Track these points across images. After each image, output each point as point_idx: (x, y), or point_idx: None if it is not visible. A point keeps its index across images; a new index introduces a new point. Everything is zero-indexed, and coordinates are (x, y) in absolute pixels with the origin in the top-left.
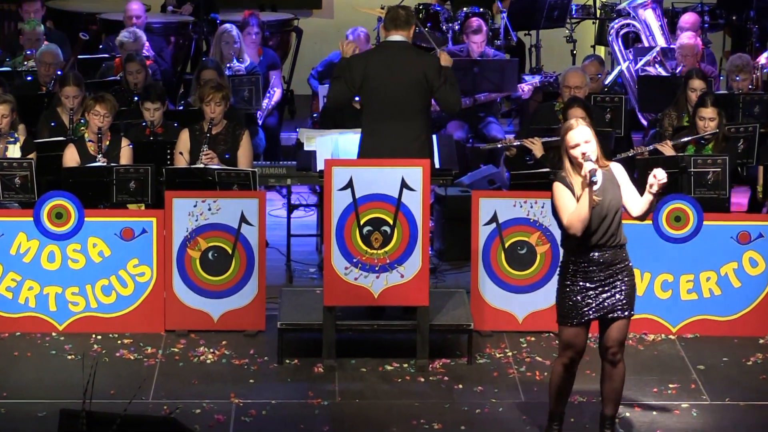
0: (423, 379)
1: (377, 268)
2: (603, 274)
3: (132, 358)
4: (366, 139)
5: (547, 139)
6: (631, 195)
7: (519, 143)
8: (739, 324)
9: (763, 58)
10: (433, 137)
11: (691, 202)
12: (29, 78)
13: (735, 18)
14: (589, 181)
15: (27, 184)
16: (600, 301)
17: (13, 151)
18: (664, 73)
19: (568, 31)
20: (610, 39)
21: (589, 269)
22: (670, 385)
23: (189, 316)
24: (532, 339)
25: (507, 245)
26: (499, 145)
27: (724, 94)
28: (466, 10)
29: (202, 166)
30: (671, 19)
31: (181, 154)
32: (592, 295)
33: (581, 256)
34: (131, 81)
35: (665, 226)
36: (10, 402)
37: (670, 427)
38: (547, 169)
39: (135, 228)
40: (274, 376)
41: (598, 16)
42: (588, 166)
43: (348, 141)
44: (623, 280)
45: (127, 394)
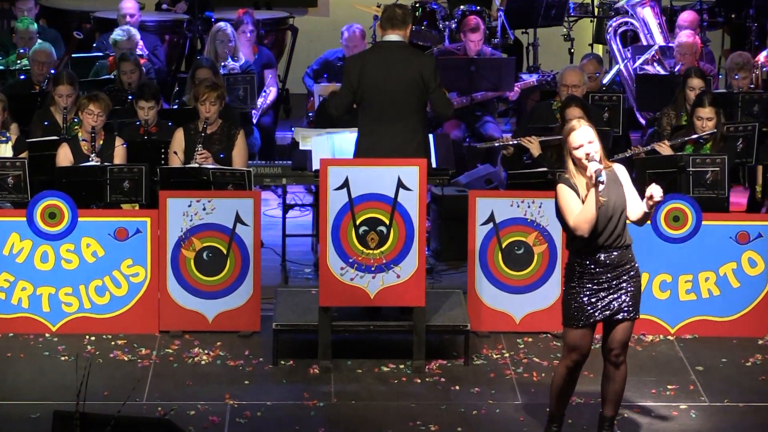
0: (419, 381)
1: (373, 269)
2: (609, 275)
3: (126, 359)
4: (362, 138)
5: (545, 138)
6: (632, 198)
7: (516, 142)
8: (738, 325)
9: (762, 57)
10: (430, 136)
11: (690, 201)
12: (22, 77)
13: (734, 16)
14: (595, 181)
15: (20, 183)
16: (606, 303)
17: (5, 151)
18: (663, 72)
19: (565, 29)
20: (608, 37)
21: (596, 271)
22: (669, 387)
23: (183, 317)
24: (530, 340)
25: (504, 245)
26: (496, 144)
27: (723, 93)
28: (463, 8)
29: (197, 166)
30: (670, 17)
31: (175, 153)
32: (598, 297)
33: (588, 257)
34: (125, 80)
35: (664, 226)
36: (3, 403)
37: (668, 428)
38: (545, 169)
39: (129, 228)
40: (269, 377)
41: (596, 14)
42: (593, 167)
43: (344, 140)
44: (629, 281)
45: (121, 395)
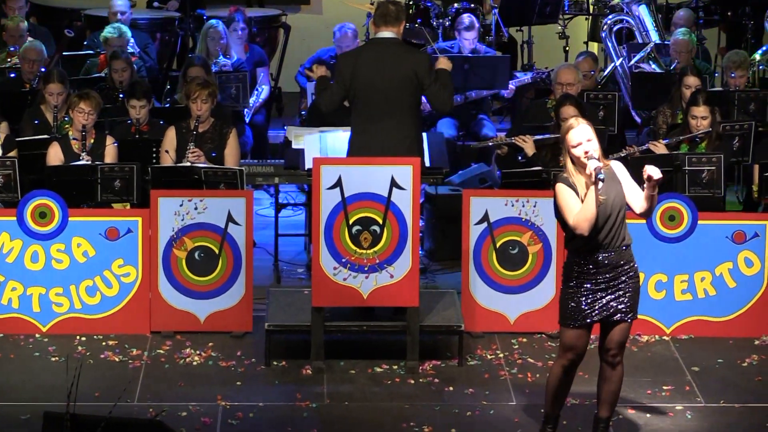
0: (413, 381)
1: (366, 269)
2: (608, 276)
3: (117, 359)
4: (355, 137)
5: (539, 136)
6: (633, 192)
7: (510, 141)
8: (734, 325)
9: (757, 55)
10: (424, 135)
11: (686, 200)
12: (12, 75)
13: (730, 14)
14: (595, 178)
15: (10, 182)
16: (603, 304)
17: None
18: (658, 70)
19: (560, 27)
20: (603, 35)
21: (594, 271)
22: (664, 387)
23: (175, 317)
24: (524, 340)
25: (498, 245)
26: (490, 143)
27: (719, 91)
28: (456, 5)
29: (189, 165)
30: (666, 15)
31: (167, 152)
32: (595, 298)
33: (586, 257)
34: (116, 78)
35: (659, 226)
36: None
37: (663, 429)
38: (539, 168)
39: (120, 228)
40: (262, 378)
41: (591, 11)
42: (592, 165)
43: (337, 139)
44: (627, 282)
45: (112, 396)
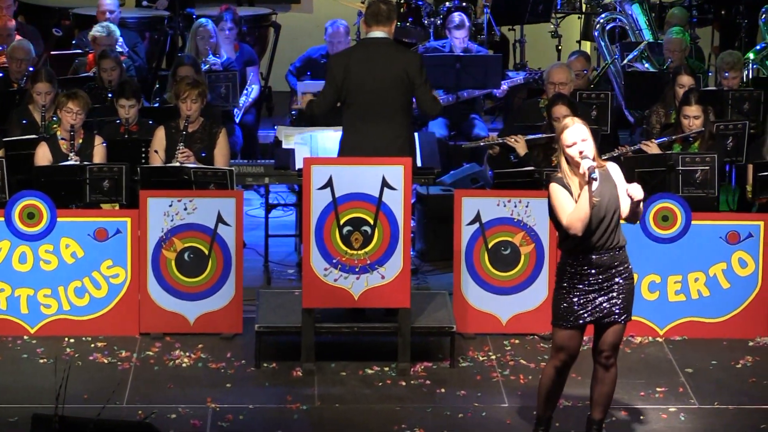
0: (404, 383)
1: (357, 269)
2: (601, 277)
3: (106, 361)
4: (346, 137)
5: (531, 136)
6: (623, 196)
7: (502, 141)
8: (728, 326)
9: (751, 54)
10: (415, 135)
11: (679, 201)
12: (0, 74)
13: (724, 13)
14: (589, 178)
15: None
16: (596, 305)
17: None
18: (652, 69)
19: (553, 26)
20: (596, 34)
21: (587, 272)
22: (658, 389)
23: (164, 319)
24: (516, 342)
25: (490, 245)
26: (481, 143)
27: (713, 91)
28: (448, 4)
29: (178, 165)
30: (659, 14)
31: (156, 152)
32: (588, 299)
33: (580, 258)
34: (105, 78)
35: (652, 226)
36: None
37: (657, 431)
38: (532, 168)
39: (109, 228)
40: (252, 380)
41: (584, 10)
42: (586, 164)
43: (328, 139)
44: (621, 283)
45: (101, 398)
